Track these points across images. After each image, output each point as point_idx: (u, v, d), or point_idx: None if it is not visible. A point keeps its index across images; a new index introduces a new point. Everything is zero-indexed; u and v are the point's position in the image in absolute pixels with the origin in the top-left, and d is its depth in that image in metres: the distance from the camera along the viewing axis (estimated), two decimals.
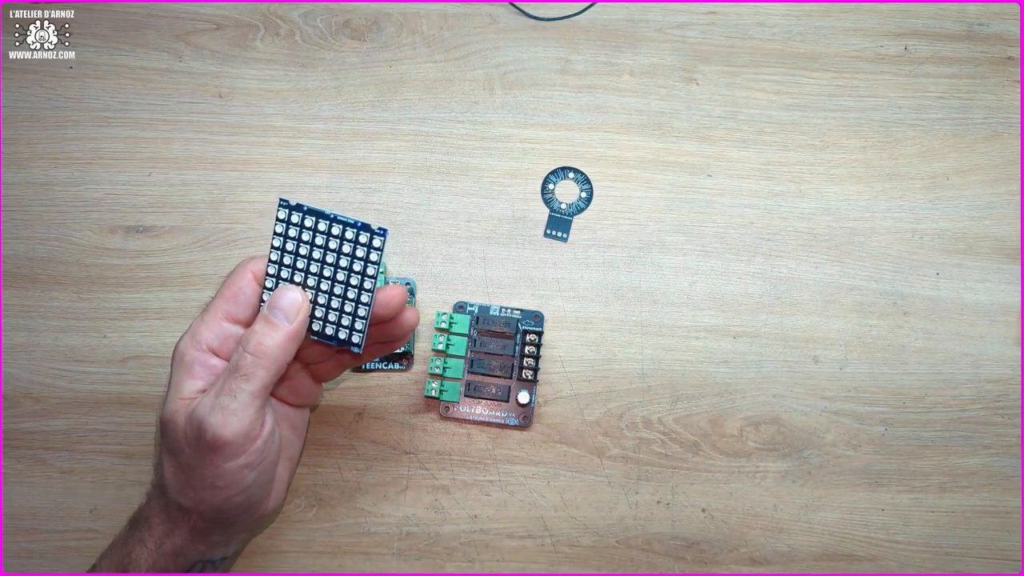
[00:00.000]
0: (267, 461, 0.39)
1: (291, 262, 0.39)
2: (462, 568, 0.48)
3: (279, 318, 0.37)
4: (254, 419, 0.37)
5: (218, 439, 0.36)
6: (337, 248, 0.38)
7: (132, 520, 0.41)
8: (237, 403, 0.36)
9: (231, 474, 0.37)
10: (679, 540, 0.48)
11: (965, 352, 0.51)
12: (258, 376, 0.37)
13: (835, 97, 0.54)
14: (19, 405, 0.49)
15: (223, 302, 0.39)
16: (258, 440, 0.37)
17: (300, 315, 0.38)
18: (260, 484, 0.39)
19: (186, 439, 0.37)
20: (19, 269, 0.51)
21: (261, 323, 0.38)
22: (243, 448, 0.37)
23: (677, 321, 0.51)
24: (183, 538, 0.39)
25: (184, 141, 0.53)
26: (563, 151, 0.53)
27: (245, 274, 0.39)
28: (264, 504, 0.41)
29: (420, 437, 0.50)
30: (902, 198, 0.53)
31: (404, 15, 0.55)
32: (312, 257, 0.39)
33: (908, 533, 0.49)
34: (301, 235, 0.38)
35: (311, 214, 0.38)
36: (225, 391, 0.36)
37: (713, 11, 0.55)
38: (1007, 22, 0.55)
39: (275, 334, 0.37)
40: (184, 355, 0.38)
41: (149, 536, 0.39)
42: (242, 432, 0.36)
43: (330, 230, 0.38)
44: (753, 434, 0.50)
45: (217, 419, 0.36)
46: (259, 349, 0.37)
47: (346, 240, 0.38)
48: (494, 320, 0.50)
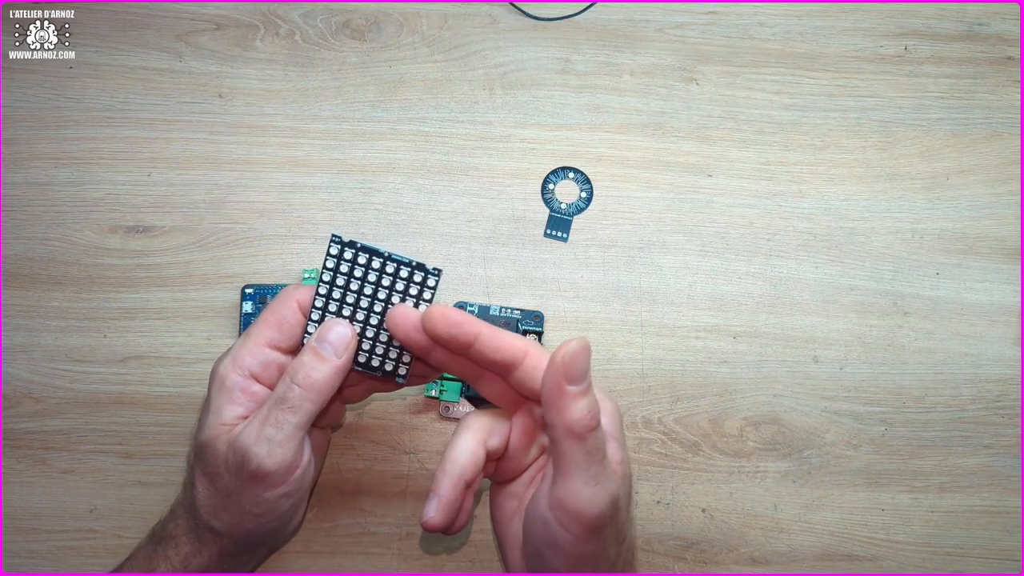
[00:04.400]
0: (303, 489, 0.40)
1: (340, 296, 0.38)
2: (462, 568, 0.48)
3: (328, 352, 0.37)
4: (297, 450, 0.37)
5: (262, 470, 0.36)
6: (390, 285, 0.38)
7: (155, 535, 0.41)
8: (283, 435, 0.36)
9: (269, 502, 0.38)
10: (679, 540, 0.48)
11: (965, 352, 0.51)
12: (305, 409, 0.37)
13: (835, 97, 0.54)
14: (19, 405, 0.49)
15: (267, 329, 0.38)
16: (297, 470, 0.38)
17: (348, 350, 0.37)
18: (293, 509, 0.40)
19: (226, 466, 0.37)
20: (19, 269, 0.51)
21: (310, 355, 0.37)
22: (284, 479, 0.37)
23: (677, 321, 0.51)
24: (211, 559, 0.40)
25: (184, 141, 0.53)
26: (563, 151, 0.53)
27: (290, 303, 0.39)
28: (291, 525, 0.42)
29: (420, 437, 0.50)
30: (902, 198, 0.53)
31: (404, 15, 0.55)
32: (363, 292, 0.38)
33: (908, 533, 0.49)
34: (353, 271, 0.38)
35: (364, 251, 0.38)
36: (271, 422, 0.36)
37: (713, 11, 0.55)
38: (1007, 22, 0.55)
39: (324, 367, 0.37)
40: (225, 379, 0.38)
41: (175, 554, 0.40)
42: (285, 463, 0.37)
43: (384, 268, 0.38)
44: (753, 434, 0.50)
45: (262, 450, 0.36)
46: (307, 382, 0.36)
47: (399, 278, 0.38)
48: (494, 320, 0.50)
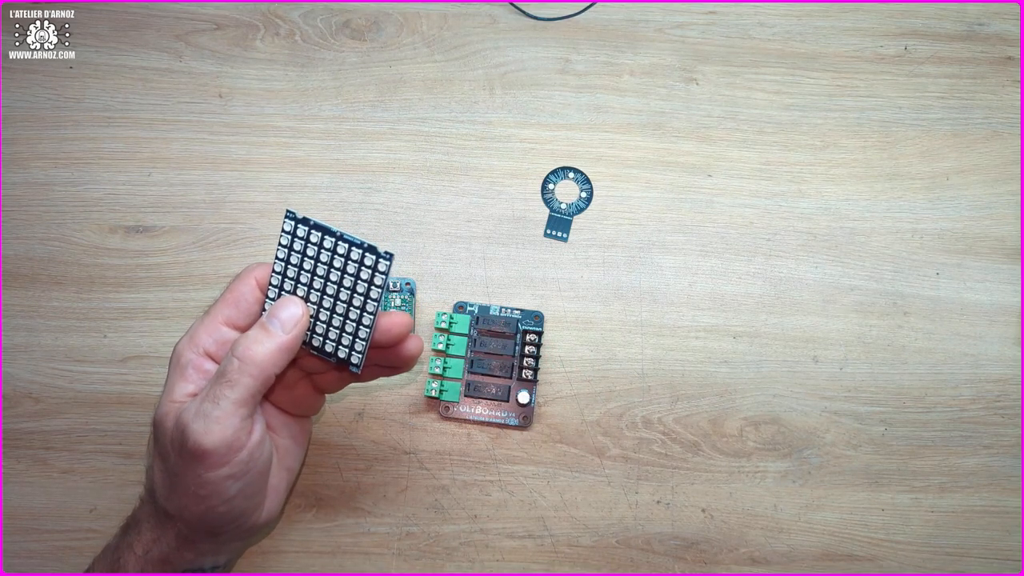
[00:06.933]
0: (253, 473, 0.37)
1: (295, 274, 0.38)
2: (462, 568, 0.48)
3: (275, 327, 0.36)
4: (238, 428, 0.35)
5: (198, 447, 0.35)
6: (341, 267, 0.37)
7: (125, 523, 0.41)
8: (220, 411, 0.35)
9: (212, 484, 0.36)
10: (679, 540, 0.48)
11: (965, 352, 0.51)
12: (243, 384, 0.35)
13: (835, 97, 0.54)
14: (19, 405, 0.49)
15: (224, 306, 0.38)
16: (242, 451, 0.36)
17: (297, 328, 0.37)
18: (246, 496, 0.38)
19: (172, 444, 0.36)
20: (19, 269, 0.51)
21: (256, 330, 0.36)
22: (225, 458, 0.35)
23: (677, 321, 0.51)
24: (170, 545, 0.38)
25: (184, 141, 0.53)
26: (563, 151, 0.53)
27: (248, 280, 0.38)
28: (254, 515, 0.39)
29: (420, 437, 0.50)
30: (902, 198, 0.53)
31: (404, 15, 0.55)
32: (316, 272, 0.37)
33: (908, 533, 0.49)
34: (306, 249, 0.37)
35: (317, 229, 0.37)
36: (209, 398, 0.35)
37: (713, 11, 0.55)
38: (1007, 22, 0.55)
39: (267, 342, 0.36)
40: (180, 357, 0.38)
41: (138, 542, 0.39)
42: (224, 442, 0.35)
43: (335, 248, 0.37)
44: (753, 434, 0.50)
45: (200, 426, 0.35)
46: (247, 355, 0.35)
47: (351, 260, 0.37)
48: (494, 320, 0.50)
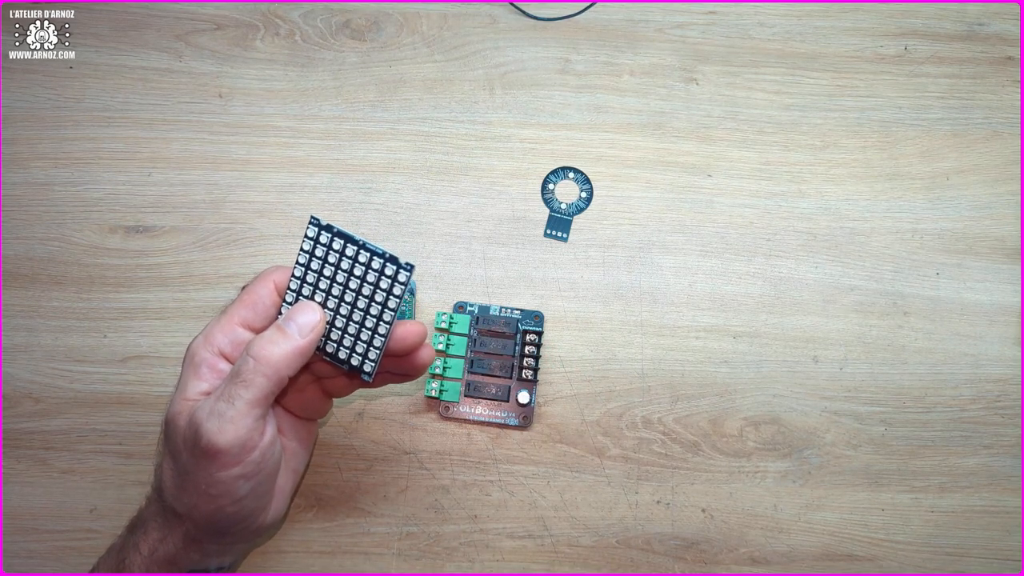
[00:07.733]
0: (264, 473, 0.37)
1: (314, 280, 0.38)
2: (462, 568, 0.48)
3: (292, 330, 0.37)
4: (252, 428, 0.36)
5: (212, 446, 0.35)
6: (361, 275, 0.37)
7: (131, 523, 0.41)
8: (234, 410, 0.35)
9: (224, 483, 0.36)
10: (679, 540, 0.48)
11: (965, 352, 0.51)
12: (257, 384, 0.35)
13: (835, 97, 0.54)
14: (19, 405, 0.49)
15: (241, 308, 0.38)
16: (255, 451, 0.36)
17: (313, 333, 0.37)
18: (256, 496, 0.38)
19: (184, 442, 0.36)
20: (19, 269, 0.51)
21: (272, 331, 0.37)
22: (238, 458, 0.36)
23: (677, 321, 0.51)
24: (176, 545, 0.39)
25: (184, 141, 0.53)
26: (563, 151, 0.53)
27: (267, 283, 0.39)
28: (261, 516, 0.40)
29: (420, 437, 0.50)
30: (902, 198, 0.53)
31: (404, 15, 0.55)
32: (335, 280, 0.38)
33: (908, 533, 0.49)
34: (328, 256, 0.38)
35: (340, 237, 0.37)
36: (224, 397, 0.35)
37: (713, 11, 0.55)
38: (1007, 22, 0.55)
39: (283, 344, 0.36)
40: (195, 355, 0.38)
41: (144, 541, 0.39)
42: (237, 441, 0.35)
43: (357, 256, 0.37)
44: (753, 434, 0.50)
45: (213, 425, 0.35)
46: (262, 355, 0.36)
47: (371, 269, 0.37)
48: (494, 320, 0.50)
